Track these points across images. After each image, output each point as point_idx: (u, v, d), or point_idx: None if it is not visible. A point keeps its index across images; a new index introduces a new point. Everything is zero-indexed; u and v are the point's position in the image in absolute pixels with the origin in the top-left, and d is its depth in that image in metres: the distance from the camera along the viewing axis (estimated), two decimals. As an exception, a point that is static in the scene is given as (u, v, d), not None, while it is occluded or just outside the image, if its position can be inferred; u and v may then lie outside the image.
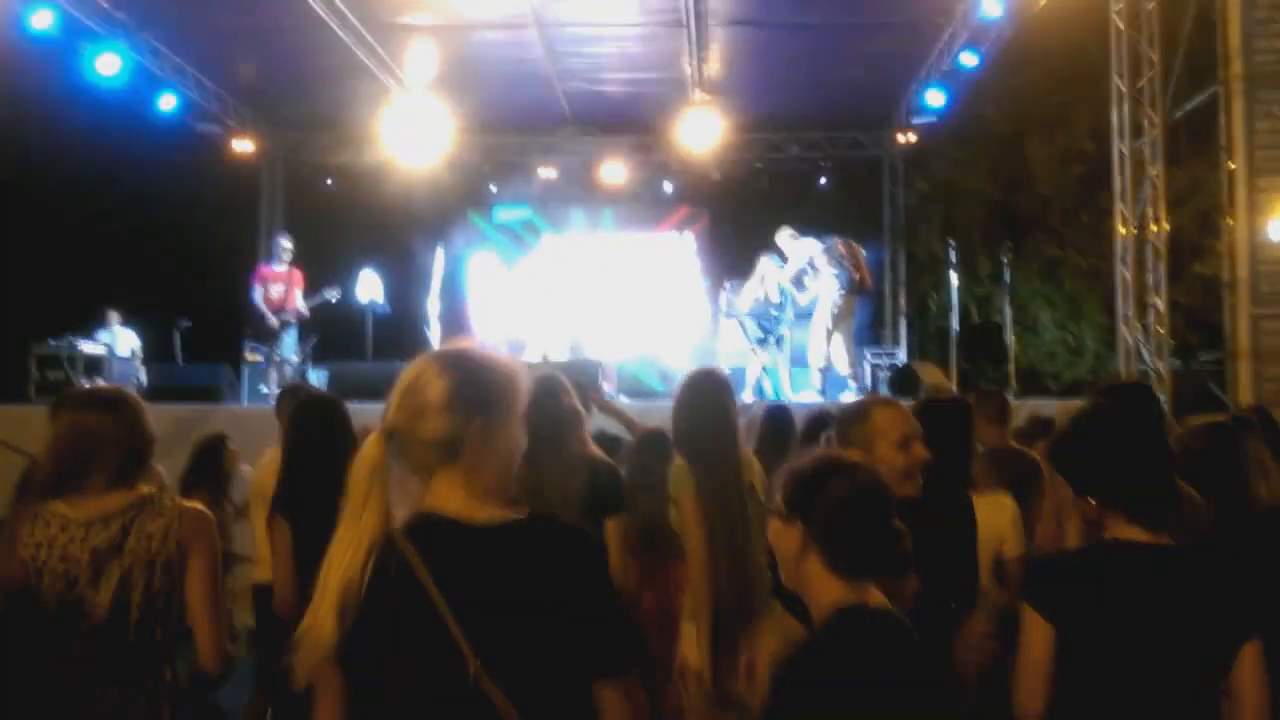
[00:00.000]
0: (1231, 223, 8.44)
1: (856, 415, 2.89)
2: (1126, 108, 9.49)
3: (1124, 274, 9.58)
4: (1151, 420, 2.42)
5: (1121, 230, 9.67)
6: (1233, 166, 8.44)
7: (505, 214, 14.85)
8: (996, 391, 5.56)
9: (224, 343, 11.16)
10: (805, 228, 10.71)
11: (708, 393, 3.92)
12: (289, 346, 10.64)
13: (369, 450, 1.73)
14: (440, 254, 12.63)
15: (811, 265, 10.33)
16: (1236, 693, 2.17)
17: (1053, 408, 7.50)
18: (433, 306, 12.28)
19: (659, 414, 5.59)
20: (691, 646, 3.64)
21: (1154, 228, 9.31)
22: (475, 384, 1.75)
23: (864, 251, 10.38)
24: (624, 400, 9.56)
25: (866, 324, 12.44)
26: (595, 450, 4.10)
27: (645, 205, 14.72)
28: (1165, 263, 9.22)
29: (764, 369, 10.61)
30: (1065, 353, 15.67)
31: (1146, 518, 2.27)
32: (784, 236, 10.60)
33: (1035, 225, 15.39)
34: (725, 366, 10.27)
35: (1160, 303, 9.21)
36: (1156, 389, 9.11)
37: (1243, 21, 8.40)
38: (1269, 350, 8.22)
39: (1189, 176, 11.79)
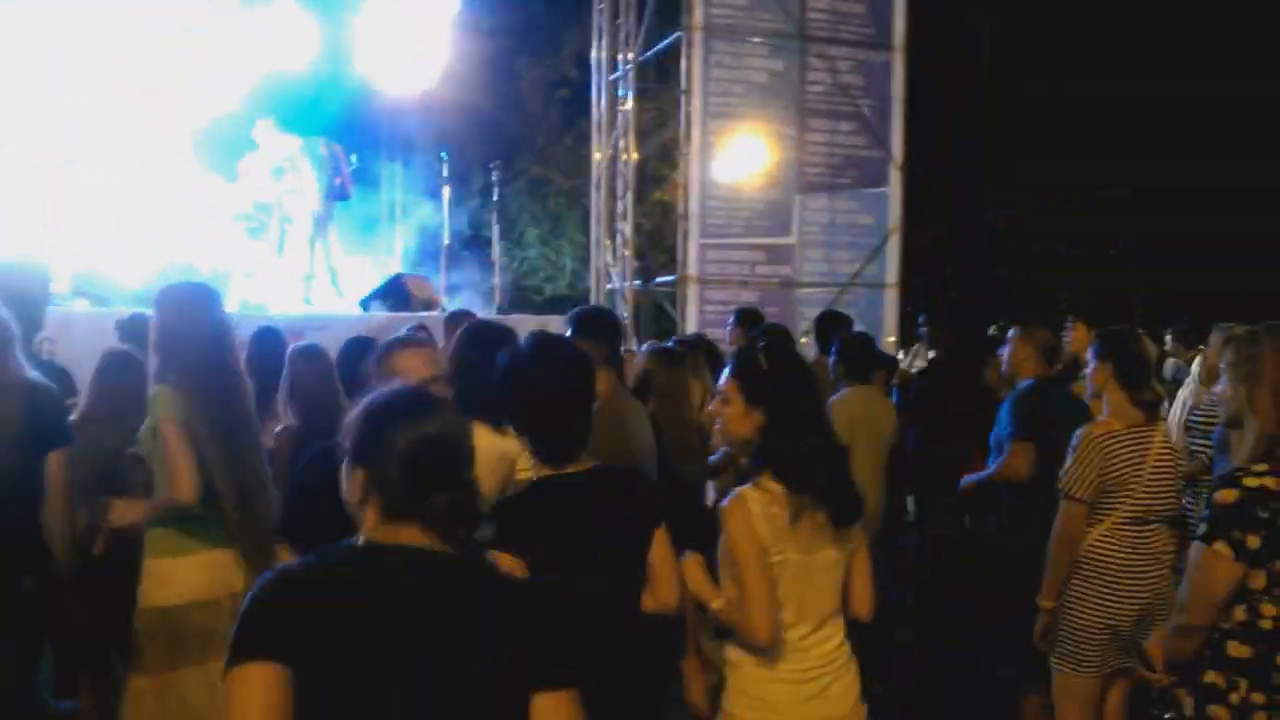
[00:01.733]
0: (687, 159, 9.42)
1: (382, 355, 2.87)
2: (605, 44, 10.17)
3: (597, 200, 10.39)
4: (555, 362, 2.57)
5: (597, 156, 10.44)
6: (691, 106, 9.41)
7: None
8: None
9: None
10: (292, 125, 10.23)
11: (193, 306, 3.43)
12: None
13: None
14: None
15: (291, 164, 9.92)
16: (654, 568, 2.48)
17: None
18: None
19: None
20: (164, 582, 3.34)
21: (624, 158, 10.16)
22: None
23: (350, 157, 10.19)
24: (82, 307, 8.52)
25: (360, 232, 12.23)
26: (32, 374, 3.60)
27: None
28: (633, 192, 10.12)
29: (249, 274, 10.06)
30: (547, 268, 16.71)
31: (548, 455, 2.46)
32: (264, 129, 10.02)
33: (524, 144, 16.07)
34: (209, 271, 9.62)
35: (627, 228, 10.12)
36: (621, 307, 10.07)
37: (704, -25, 9.28)
38: (712, 277, 9.41)
39: (657, 110, 12.97)
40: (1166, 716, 2.65)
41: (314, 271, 9.98)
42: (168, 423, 3.27)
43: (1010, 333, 4.70)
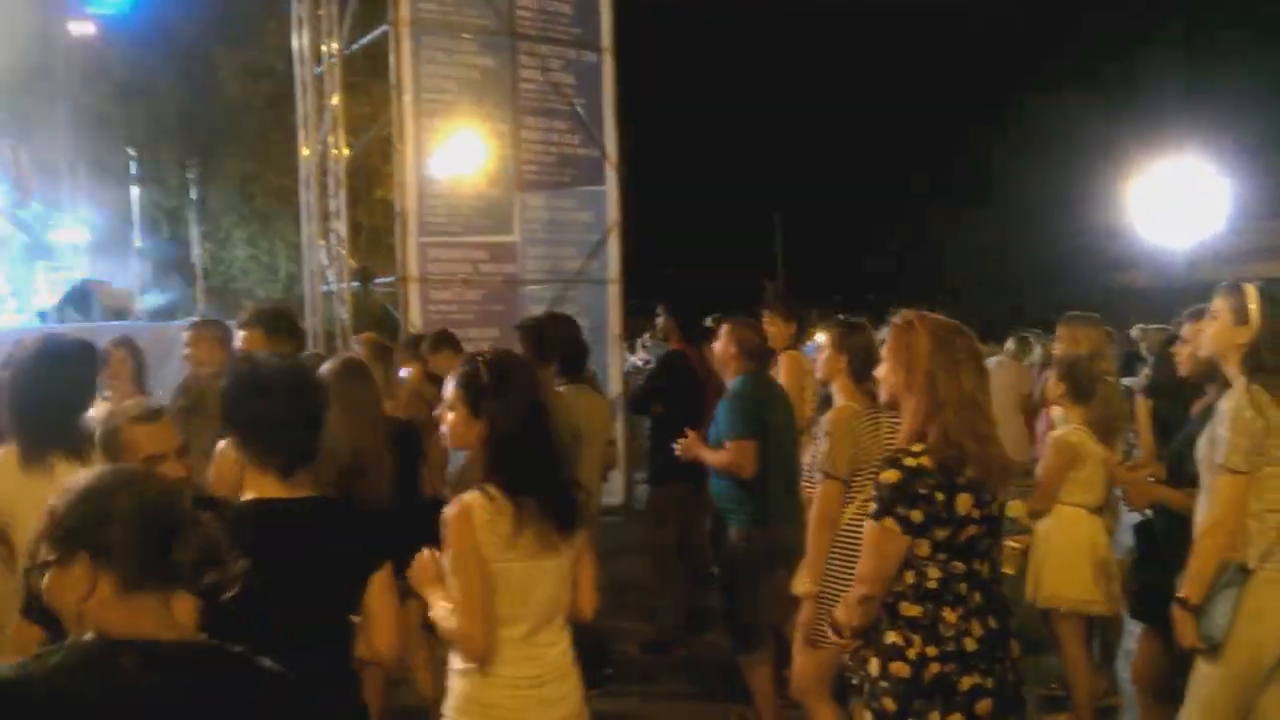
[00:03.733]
0: (402, 156, 9.15)
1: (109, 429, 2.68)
2: (306, 34, 9.73)
3: (307, 197, 9.93)
4: (282, 372, 2.49)
5: (305, 152, 9.97)
6: (402, 102, 9.13)
7: None
8: None
9: None
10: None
11: None
12: None
13: None
14: None
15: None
16: (371, 614, 2.44)
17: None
18: None
19: None
20: None
21: (335, 153, 9.74)
22: None
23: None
24: None
25: (40, 237, 11.07)
26: None
27: None
28: (345, 189, 9.70)
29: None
30: (259, 270, 15.79)
31: (277, 469, 2.38)
32: None
33: (228, 139, 15.09)
34: None
35: (341, 227, 9.72)
36: (339, 310, 9.69)
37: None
38: (434, 276, 9.19)
39: (371, 104, 12.49)
40: (855, 679, 2.85)
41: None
42: None
43: (721, 330, 4.78)
